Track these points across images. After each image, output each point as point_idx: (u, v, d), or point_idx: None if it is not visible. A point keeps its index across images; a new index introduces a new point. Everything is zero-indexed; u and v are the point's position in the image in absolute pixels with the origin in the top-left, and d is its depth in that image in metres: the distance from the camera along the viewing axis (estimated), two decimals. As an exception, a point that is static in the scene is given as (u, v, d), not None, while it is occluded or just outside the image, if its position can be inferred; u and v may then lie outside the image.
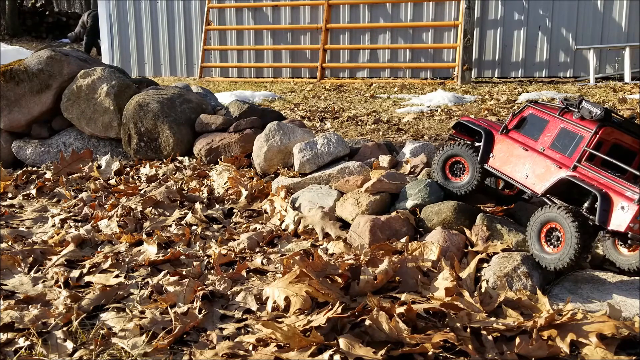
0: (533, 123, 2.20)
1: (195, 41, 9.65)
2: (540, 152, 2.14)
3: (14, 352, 1.68)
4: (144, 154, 3.94)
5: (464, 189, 2.42)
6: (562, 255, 1.91)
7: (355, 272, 1.97)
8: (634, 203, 1.81)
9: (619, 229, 1.84)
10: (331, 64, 8.79)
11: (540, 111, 2.19)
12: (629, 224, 1.81)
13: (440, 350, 1.62)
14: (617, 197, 1.86)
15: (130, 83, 4.19)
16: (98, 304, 1.97)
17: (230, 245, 2.52)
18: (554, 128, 2.12)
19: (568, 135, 2.07)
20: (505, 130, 2.27)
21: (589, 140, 2.00)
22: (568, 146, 2.06)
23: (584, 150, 2.00)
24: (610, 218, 1.86)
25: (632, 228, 1.81)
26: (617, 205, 1.86)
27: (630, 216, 1.81)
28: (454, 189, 2.45)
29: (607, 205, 1.87)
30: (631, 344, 1.66)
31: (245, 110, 3.90)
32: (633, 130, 2.05)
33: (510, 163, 2.23)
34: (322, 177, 2.97)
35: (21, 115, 4.21)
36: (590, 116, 2.01)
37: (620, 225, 1.83)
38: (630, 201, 1.82)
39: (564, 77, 8.01)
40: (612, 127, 2.01)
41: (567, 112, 2.10)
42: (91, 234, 2.64)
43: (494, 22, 8.14)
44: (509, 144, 2.25)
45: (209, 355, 1.65)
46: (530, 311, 1.81)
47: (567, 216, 1.90)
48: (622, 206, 1.84)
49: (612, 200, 1.87)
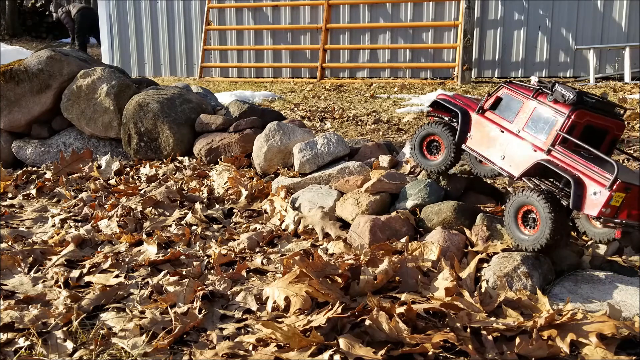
0: (508, 104, 2.22)
1: (195, 41, 9.65)
2: (515, 133, 2.16)
3: (14, 352, 1.68)
4: (144, 154, 3.94)
5: (438, 167, 2.48)
6: (539, 236, 1.97)
7: (355, 272, 1.97)
8: (605, 189, 1.85)
9: (592, 213, 1.89)
10: (331, 64, 8.79)
11: (514, 92, 2.21)
12: (601, 209, 1.86)
13: (440, 350, 1.62)
14: (590, 182, 1.91)
15: (130, 83, 4.19)
16: (98, 304, 1.97)
17: (230, 245, 2.52)
18: (528, 109, 2.14)
19: (542, 117, 2.09)
20: (481, 111, 2.30)
21: (562, 124, 2.03)
22: (542, 129, 2.09)
23: (557, 133, 2.03)
24: (584, 203, 1.91)
25: (605, 212, 1.87)
26: (590, 191, 1.90)
27: (603, 201, 1.86)
28: (429, 167, 2.51)
29: (581, 190, 1.92)
30: (631, 344, 1.66)
31: (245, 110, 3.90)
32: (605, 109, 2.09)
33: (486, 144, 2.26)
34: (322, 177, 2.97)
35: (21, 115, 4.21)
36: (563, 100, 2.03)
37: (594, 210, 1.88)
38: (603, 186, 1.87)
39: (564, 77, 8.01)
40: (585, 109, 2.03)
41: (541, 94, 2.12)
42: (91, 234, 2.64)
43: (494, 22, 8.14)
44: (485, 124, 2.27)
45: (209, 355, 1.64)
46: (530, 311, 1.81)
47: (539, 199, 1.96)
48: (594, 191, 1.89)
49: (585, 186, 1.92)
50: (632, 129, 4.79)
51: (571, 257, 2.13)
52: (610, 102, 2.14)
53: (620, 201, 1.87)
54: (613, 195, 1.85)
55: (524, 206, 2.04)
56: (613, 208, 1.88)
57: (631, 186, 1.87)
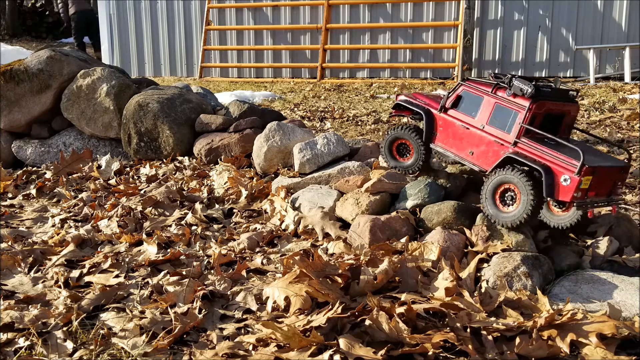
0: (469, 101, 2.30)
1: (195, 41, 9.65)
2: (480, 129, 2.25)
3: (14, 352, 1.68)
4: (144, 154, 3.94)
5: (411, 168, 2.58)
6: (519, 212, 2.08)
7: (355, 272, 1.97)
8: (574, 175, 1.96)
9: (565, 198, 2.00)
10: (331, 64, 8.79)
11: (473, 89, 2.29)
12: (573, 194, 1.97)
13: (440, 350, 1.62)
14: (559, 170, 2.01)
15: (130, 83, 4.19)
16: (98, 304, 1.97)
17: (230, 245, 2.52)
18: (489, 105, 2.23)
19: (503, 111, 2.18)
20: (444, 109, 2.38)
21: (524, 117, 2.12)
22: (505, 122, 2.18)
23: (521, 126, 2.12)
24: (558, 191, 2.01)
25: (577, 197, 1.98)
26: (561, 178, 2.00)
27: (573, 187, 1.96)
28: (402, 169, 2.61)
29: (552, 178, 2.02)
30: (631, 344, 1.66)
31: (245, 110, 3.90)
32: (560, 95, 2.20)
33: (454, 141, 2.35)
34: (322, 177, 2.97)
35: (21, 115, 4.21)
36: (522, 93, 2.11)
37: (566, 196, 1.99)
38: (571, 172, 1.97)
39: (564, 77, 8.01)
40: (543, 100, 2.13)
41: (500, 88, 2.21)
42: (91, 234, 2.64)
43: (494, 22, 8.14)
44: (449, 122, 2.36)
45: (209, 355, 1.64)
46: (530, 311, 1.81)
47: (522, 176, 2.06)
48: (564, 178, 2.00)
49: (555, 174, 2.02)
50: (632, 129, 4.80)
51: (571, 257, 2.14)
52: (563, 88, 2.25)
53: (589, 183, 1.99)
54: (582, 180, 1.95)
55: (503, 184, 2.13)
56: (583, 191, 1.99)
57: (597, 168, 1.99)
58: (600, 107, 5.65)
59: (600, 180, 2.02)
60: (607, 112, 5.44)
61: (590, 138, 4.19)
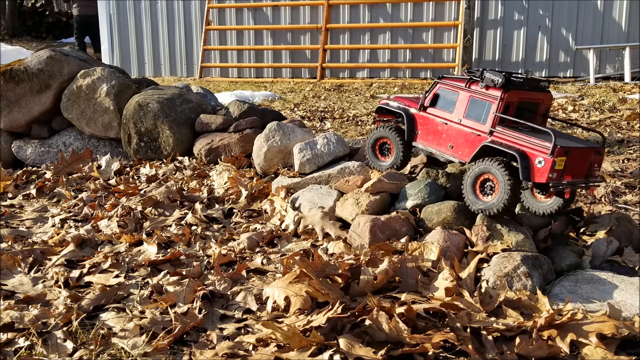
0: (445, 97, 2.42)
1: (195, 41, 9.65)
2: (458, 122, 2.36)
3: (14, 352, 1.68)
4: (144, 154, 3.94)
5: (389, 168, 2.67)
6: (497, 201, 2.17)
7: (355, 272, 1.97)
8: (547, 156, 2.05)
9: (540, 180, 2.07)
10: (331, 64, 8.78)
11: (449, 86, 2.41)
12: (548, 174, 2.05)
13: (440, 350, 1.62)
14: (533, 153, 2.10)
15: (130, 83, 4.19)
16: (98, 304, 1.97)
17: (230, 245, 2.52)
18: (464, 99, 2.34)
19: (478, 104, 2.29)
20: (423, 108, 2.50)
21: (497, 106, 2.22)
22: (480, 114, 2.28)
23: (495, 116, 2.22)
24: (533, 174, 2.09)
25: (552, 177, 2.06)
26: (535, 161, 2.09)
27: (548, 168, 2.05)
28: (382, 168, 2.70)
29: (527, 162, 2.11)
30: (631, 344, 1.66)
31: (245, 110, 3.90)
32: (532, 85, 2.29)
33: (434, 137, 2.46)
34: (322, 177, 2.97)
35: (21, 115, 4.21)
36: (493, 84, 2.22)
37: (542, 177, 2.07)
38: (545, 154, 2.05)
39: (564, 77, 8.01)
40: (514, 89, 2.22)
41: (473, 82, 2.31)
42: (91, 234, 2.64)
43: (494, 22, 8.14)
44: (429, 120, 2.48)
45: (209, 355, 1.64)
46: (530, 311, 1.81)
47: (499, 167, 2.15)
48: (539, 161, 2.08)
49: (530, 157, 2.10)
50: (632, 129, 4.80)
51: (571, 257, 2.14)
52: (536, 78, 2.34)
53: (563, 164, 2.06)
54: (556, 161, 2.04)
55: (483, 174, 2.22)
56: (558, 172, 2.07)
57: (570, 149, 2.07)
58: (600, 107, 5.65)
59: (574, 161, 2.10)
60: (607, 112, 5.44)
61: (572, 128, 4.18)
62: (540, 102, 2.32)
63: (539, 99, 2.31)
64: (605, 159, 3.91)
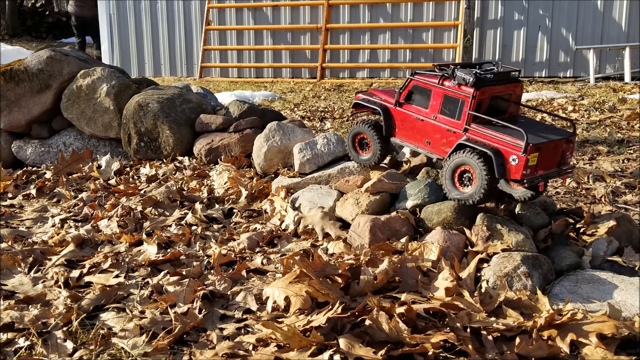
0: (420, 94, 2.44)
1: (195, 41, 9.65)
2: (433, 119, 2.39)
3: (14, 352, 1.68)
4: (144, 154, 3.94)
5: (368, 162, 2.72)
6: (475, 191, 2.23)
7: (355, 272, 1.97)
8: (521, 154, 2.09)
9: (515, 177, 2.14)
10: (331, 64, 8.79)
11: (422, 82, 2.42)
12: (522, 171, 2.11)
13: (440, 350, 1.62)
14: (507, 151, 2.15)
15: (130, 83, 4.19)
16: (98, 304, 1.97)
17: (230, 245, 2.52)
18: (438, 96, 2.36)
19: (452, 100, 2.32)
20: (399, 104, 2.52)
21: (470, 105, 2.25)
22: (454, 111, 2.31)
23: (468, 114, 2.26)
24: (509, 171, 2.15)
25: (526, 174, 2.12)
26: (510, 158, 2.14)
27: (522, 165, 2.10)
28: (362, 162, 2.75)
29: (501, 160, 2.16)
30: (631, 344, 1.66)
31: (245, 110, 3.90)
32: (502, 78, 2.34)
33: (411, 133, 2.50)
34: (322, 177, 2.97)
35: (21, 115, 4.21)
36: (465, 83, 2.25)
37: (517, 174, 2.13)
38: (518, 152, 2.10)
39: (564, 77, 8.01)
40: (486, 86, 2.25)
41: (445, 78, 2.33)
42: (91, 234, 2.64)
43: (494, 22, 8.14)
44: (406, 116, 2.51)
45: (209, 355, 1.65)
46: (530, 311, 1.81)
47: (477, 159, 2.20)
48: (513, 158, 2.13)
49: (504, 155, 2.16)
50: (632, 129, 4.80)
51: (571, 257, 2.14)
52: (505, 70, 2.38)
53: (536, 160, 2.13)
54: (529, 158, 2.09)
55: (461, 166, 2.27)
56: (532, 168, 2.13)
57: (542, 145, 2.13)
58: (600, 107, 5.65)
59: (547, 155, 2.17)
60: (607, 112, 5.44)
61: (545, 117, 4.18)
62: (512, 93, 2.39)
63: (511, 90, 2.37)
64: (605, 159, 3.91)
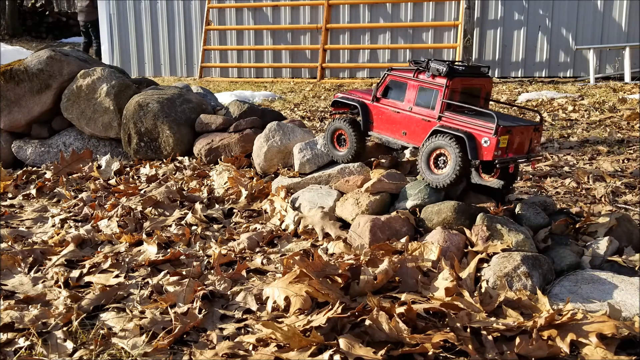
0: (396, 88, 2.60)
1: (195, 41, 9.65)
2: (409, 111, 2.54)
3: (14, 352, 1.68)
4: (144, 154, 3.94)
5: (345, 157, 2.84)
6: (448, 173, 2.37)
7: (355, 272, 1.97)
8: (492, 136, 2.24)
9: (488, 158, 2.27)
10: (331, 64, 8.79)
11: (398, 77, 2.59)
12: (494, 152, 2.25)
13: (440, 350, 1.62)
14: (479, 134, 2.29)
15: (130, 83, 4.19)
16: (98, 304, 1.97)
17: (230, 245, 2.52)
18: (413, 89, 2.52)
19: (425, 92, 2.48)
20: (376, 99, 2.67)
21: (443, 93, 2.40)
22: (429, 101, 2.47)
23: (442, 102, 2.41)
24: (481, 153, 2.29)
25: (497, 155, 2.26)
26: (482, 141, 2.28)
27: (493, 146, 2.24)
28: (339, 157, 2.87)
29: (474, 143, 2.30)
30: (631, 344, 1.66)
31: (245, 110, 3.90)
32: (474, 72, 2.50)
33: (387, 127, 2.64)
34: (322, 177, 2.97)
35: (21, 115, 4.21)
36: (439, 73, 2.40)
37: (489, 155, 2.26)
38: (489, 134, 2.25)
39: (564, 77, 8.02)
40: (458, 77, 2.41)
41: (420, 72, 2.49)
42: (91, 234, 2.64)
43: (494, 22, 8.14)
44: (382, 110, 2.65)
45: (209, 355, 1.65)
46: (530, 311, 1.81)
47: (452, 142, 2.34)
48: (485, 140, 2.27)
49: (477, 138, 2.29)
50: (632, 129, 4.80)
51: (571, 257, 2.14)
52: (476, 64, 2.56)
53: (507, 142, 2.27)
54: (500, 139, 2.24)
55: (438, 149, 2.40)
56: (502, 149, 2.27)
57: (511, 128, 2.27)
58: (600, 107, 5.65)
59: (516, 139, 2.31)
60: (607, 112, 5.44)
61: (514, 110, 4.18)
62: (482, 87, 2.53)
63: (481, 84, 2.52)
64: (605, 159, 3.91)
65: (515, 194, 2.91)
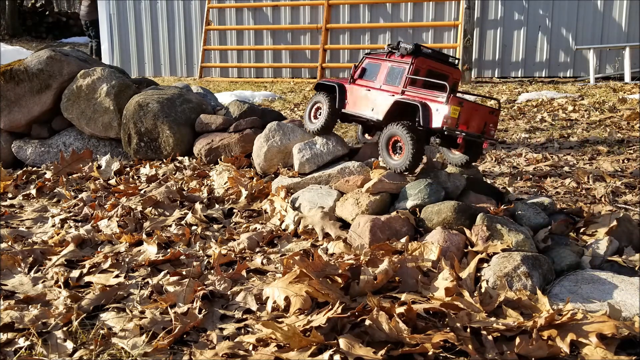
0: (370, 69, 2.81)
1: (195, 41, 9.65)
2: (378, 88, 2.74)
3: (14, 352, 1.68)
4: (144, 154, 3.94)
5: (314, 128, 3.03)
6: (404, 159, 2.56)
7: (355, 272, 1.97)
8: (443, 105, 2.41)
9: (437, 125, 2.43)
10: (331, 64, 8.78)
11: (373, 59, 2.81)
12: (443, 120, 2.41)
13: (440, 350, 1.62)
14: (432, 104, 2.47)
15: (130, 83, 4.19)
16: (98, 304, 1.97)
17: (230, 245, 2.52)
18: (384, 69, 2.73)
19: (395, 71, 2.68)
20: (352, 80, 2.88)
21: (408, 69, 2.60)
22: (396, 78, 2.67)
23: (406, 78, 2.60)
24: (431, 120, 2.46)
25: (447, 123, 2.41)
26: (434, 109, 2.45)
27: (443, 114, 2.41)
28: (311, 129, 3.06)
29: (427, 111, 2.48)
30: (631, 344, 1.66)
31: (245, 110, 3.90)
32: (441, 58, 2.69)
33: (359, 103, 2.84)
34: (322, 177, 2.97)
35: (21, 115, 4.21)
36: (406, 52, 2.61)
37: (438, 122, 2.43)
38: (441, 103, 2.42)
39: (564, 77, 8.01)
40: (423, 57, 2.61)
41: (391, 54, 2.70)
42: (91, 234, 2.64)
43: (494, 22, 8.14)
44: (356, 89, 2.86)
45: (209, 355, 1.64)
46: (530, 311, 1.81)
47: (403, 129, 2.54)
48: (437, 109, 2.44)
49: (430, 107, 2.47)
50: (632, 129, 4.80)
51: (571, 257, 2.14)
52: (445, 53, 2.75)
53: (458, 114, 2.41)
54: (451, 109, 2.39)
55: (393, 137, 2.60)
56: (453, 119, 2.41)
57: (463, 101, 2.43)
58: (600, 107, 5.65)
59: (469, 114, 2.46)
60: (607, 112, 5.44)
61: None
62: (449, 75, 2.69)
63: (448, 71, 2.68)
64: (605, 159, 3.91)
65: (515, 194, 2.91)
